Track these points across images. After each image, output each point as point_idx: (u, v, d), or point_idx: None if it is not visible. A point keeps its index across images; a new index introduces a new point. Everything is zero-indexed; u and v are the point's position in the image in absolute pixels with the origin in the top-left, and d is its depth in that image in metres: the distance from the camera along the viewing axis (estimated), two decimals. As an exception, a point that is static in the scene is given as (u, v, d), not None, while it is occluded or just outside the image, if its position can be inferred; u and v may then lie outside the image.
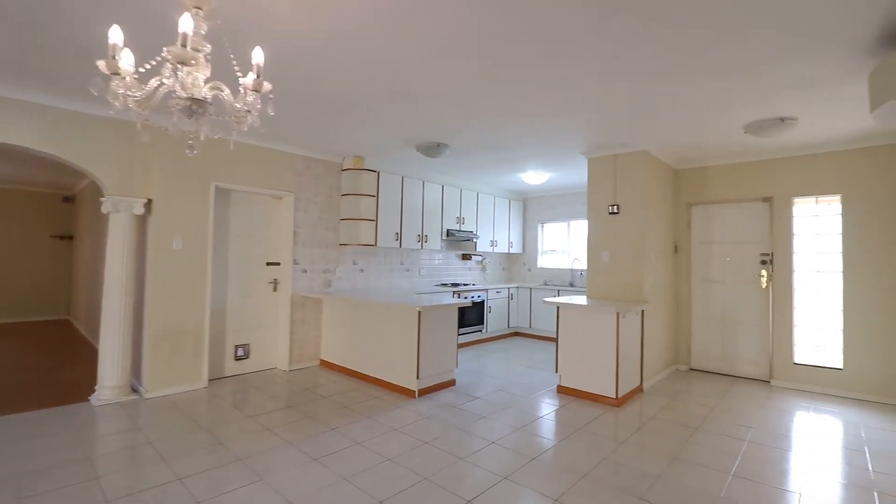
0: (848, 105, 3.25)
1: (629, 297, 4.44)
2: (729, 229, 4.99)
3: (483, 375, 4.76)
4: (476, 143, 4.54)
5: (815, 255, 4.47)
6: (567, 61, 2.62)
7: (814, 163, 4.44)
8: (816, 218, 4.48)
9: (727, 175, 4.96)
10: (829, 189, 4.36)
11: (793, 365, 4.51)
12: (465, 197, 6.61)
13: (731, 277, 4.96)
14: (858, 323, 4.17)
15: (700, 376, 4.92)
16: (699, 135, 4.07)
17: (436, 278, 6.59)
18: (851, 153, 4.24)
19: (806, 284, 4.51)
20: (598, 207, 4.71)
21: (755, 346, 4.79)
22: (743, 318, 4.87)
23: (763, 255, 4.75)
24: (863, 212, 4.18)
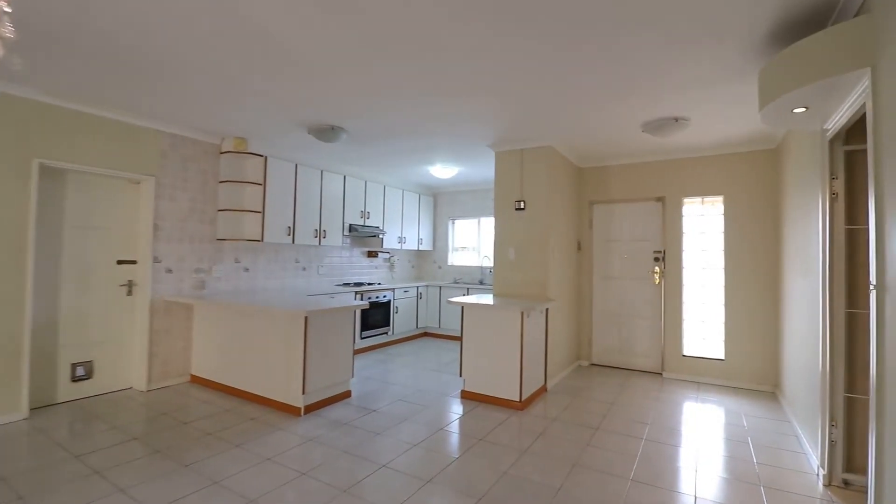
0: (736, 108, 3.37)
1: (535, 294, 4.33)
2: (627, 227, 5.13)
3: (384, 383, 4.37)
4: (377, 130, 4.12)
5: (701, 253, 4.72)
6: (465, 41, 2.32)
7: (701, 165, 4.68)
8: (702, 217, 4.74)
9: (626, 175, 5.09)
10: (713, 190, 4.63)
11: (682, 357, 4.74)
12: (370, 190, 6.15)
13: (629, 274, 5.10)
14: (737, 316, 4.47)
15: (600, 371, 4.99)
16: (600, 132, 4.06)
17: (337, 277, 6.05)
18: (734, 157, 4.53)
19: (694, 280, 4.76)
20: (505, 203, 4.55)
21: (649, 339, 4.97)
22: (639, 314, 5.03)
23: (656, 253, 4.94)
24: (741, 212, 4.48)
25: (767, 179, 4.36)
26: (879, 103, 1.80)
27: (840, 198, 2.56)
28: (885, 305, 1.75)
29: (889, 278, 1.71)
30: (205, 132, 4.33)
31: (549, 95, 3.19)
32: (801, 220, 3.18)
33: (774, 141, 4.23)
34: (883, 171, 1.77)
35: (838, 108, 2.31)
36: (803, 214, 3.11)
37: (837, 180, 2.56)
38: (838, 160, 2.57)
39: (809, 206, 2.94)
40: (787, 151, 3.75)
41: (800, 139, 3.25)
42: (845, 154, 2.56)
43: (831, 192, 2.58)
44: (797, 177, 3.32)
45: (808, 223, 2.98)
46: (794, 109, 2.39)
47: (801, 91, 2.15)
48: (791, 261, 3.61)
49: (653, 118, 3.65)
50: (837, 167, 2.57)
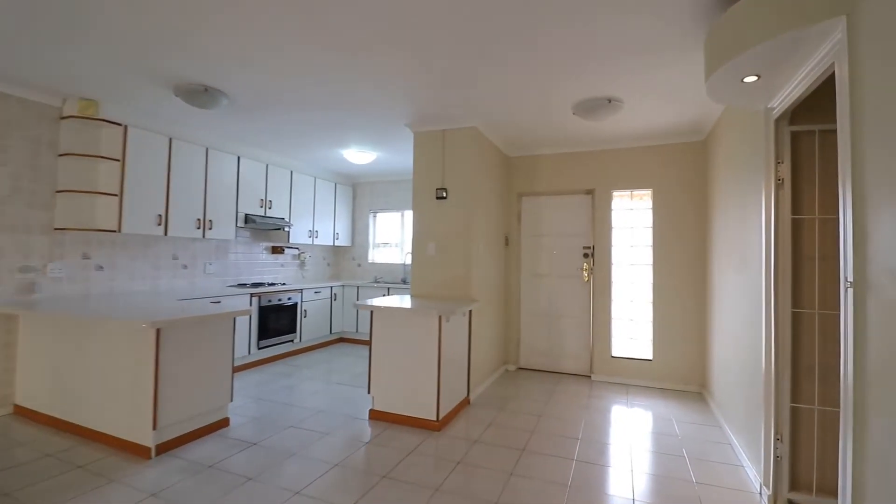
0: (670, 87, 3.07)
1: (457, 294, 3.82)
2: (557, 222, 4.80)
3: (279, 404, 3.63)
4: (267, 97, 3.37)
5: (630, 249, 4.50)
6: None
7: (631, 157, 4.45)
8: (631, 212, 4.52)
9: (556, 165, 4.75)
10: (642, 183, 4.41)
11: (611, 358, 4.49)
12: (274, 175, 5.30)
13: (558, 271, 4.78)
14: (665, 315, 4.28)
15: (528, 376, 4.62)
16: (530, 113, 3.63)
17: (232, 277, 5.15)
18: (663, 149, 4.34)
19: (623, 277, 4.53)
20: (425, 191, 3.99)
21: (578, 340, 4.68)
22: (568, 313, 4.73)
23: (586, 249, 4.65)
24: (669, 206, 4.30)
25: (696, 172, 4.21)
26: (857, 59, 1.46)
27: (786, 184, 2.29)
28: (866, 305, 1.41)
29: (872, 275, 1.37)
30: (34, 88, 3.30)
31: (467, 64, 2.67)
32: (737, 210, 2.94)
33: (703, 132, 4.08)
34: (863, 147, 1.43)
35: (791, 80, 2.01)
36: (740, 205, 2.88)
37: (783, 165, 2.29)
38: (784, 142, 2.30)
39: (748, 196, 2.69)
40: (719, 140, 3.56)
41: (737, 122, 3.01)
42: (791, 135, 2.29)
43: (776, 177, 2.30)
44: (734, 164, 3.09)
45: (746, 214, 2.73)
46: (744, 78, 2.06)
47: (759, 50, 1.79)
48: (722, 256, 3.41)
49: (584, 98, 3.27)
50: (783, 150, 2.30)
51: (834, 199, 2.22)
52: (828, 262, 2.23)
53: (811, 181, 2.26)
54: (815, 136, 2.25)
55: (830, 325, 2.21)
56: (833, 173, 2.23)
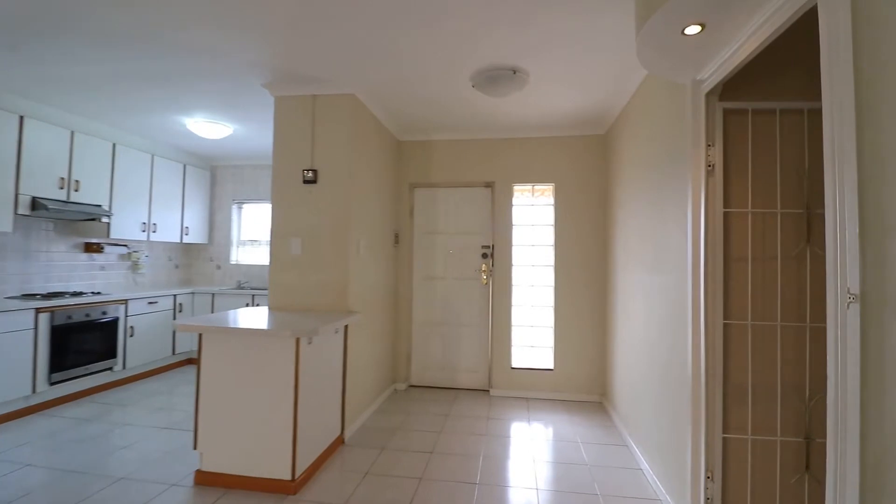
0: (578, 62, 2.64)
1: (330, 304, 3.02)
2: (453, 217, 4.23)
3: (58, 472, 2.47)
4: (49, 19, 2.22)
5: (531, 248, 4.10)
6: None
7: (532, 148, 4.05)
8: (532, 208, 4.12)
9: (453, 153, 4.18)
10: (543, 177, 4.04)
11: (510, 370, 4.04)
12: (83, 146, 3.94)
13: (454, 273, 4.21)
14: (566, 320, 3.95)
15: (420, 396, 3.97)
16: (420, 82, 2.98)
17: (16, 286, 3.68)
18: (565, 141, 4.00)
19: (524, 280, 4.11)
20: (288, 172, 3.11)
21: (476, 351, 4.16)
22: (465, 321, 4.18)
23: (485, 248, 4.16)
24: (572, 202, 3.98)
25: (598, 167, 3.94)
26: None
27: (717, 171, 1.92)
28: (884, 329, 0.97)
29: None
30: None
31: None
32: (650, 205, 2.60)
33: (604, 125, 3.81)
34: (878, 120, 0.99)
35: (737, 35, 1.61)
36: (654, 198, 2.53)
37: (714, 148, 1.92)
38: (716, 121, 1.92)
39: (666, 186, 2.33)
40: (626, 130, 3.26)
41: (656, 103, 2.67)
42: (723, 114, 1.93)
43: (707, 163, 1.92)
44: (648, 151, 2.75)
45: (663, 207, 2.37)
46: (685, 28, 1.61)
47: (717, -22, 1.33)
48: (628, 256, 3.10)
49: (485, 65, 2.71)
50: (714, 131, 1.93)
51: (770, 190, 1.91)
52: (760, 264, 1.90)
53: (742, 169, 1.92)
54: (749, 117, 1.91)
55: (764, 337, 1.89)
56: (768, 160, 1.91)
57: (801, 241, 1.87)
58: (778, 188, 1.88)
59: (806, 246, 1.87)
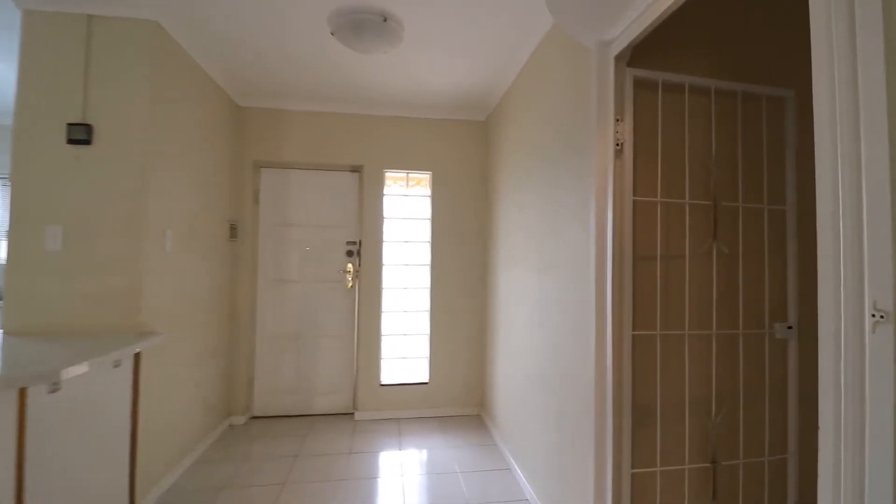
0: (466, 20, 2.18)
1: (114, 322, 2.05)
2: (312, 207, 3.48)
3: None
4: None
5: (405, 245, 3.57)
6: None
7: (407, 130, 3.52)
8: (406, 199, 3.59)
9: (313, 128, 3.42)
10: (419, 164, 3.54)
11: (379, 387, 3.45)
12: None
13: (313, 275, 3.47)
14: (443, 328, 3.51)
15: (265, 430, 3.15)
16: (260, 14, 2.21)
17: None
18: (443, 125, 3.55)
19: (396, 281, 3.55)
20: (42, 126, 2.06)
21: (338, 367, 3.48)
22: (325, 331, 3.47)
23: (350, 245, 3.50)
24: (449, 195, 3.55)
25: (478, 156, 3.59)
26: None
27: (626, 151, 1.59)
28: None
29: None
30: None
31: None
32: (540, 194, 2.26)
33: (485, 110, 3.47)
34: None
35: (665, -28, 1.27)
36: (547, 187, 2.19)
37: (623, 124, 1.59)
38: (626, 91, 1.60)
39: (562, 171, 1.99)
40: (509, 111, 2.92)
41: (549, 74, 2.33)
42: (635, 81, 1.62)
43: (615, 141, 1.59)
44: (540, 131, 2.40)
45: (557, 197, 2.03)
46: (611, -51, 1.22)
47: None
48: (513, 253, 2.76)
49: (347, 3, 2.08)
50: (625, 102, 1.60)
51: (678, 178, 1.64)
52: (667, 263, 1.63)
53: (650, 152, 1.63)
54: (659, 90, 1.63)
55: (672, 348, 1.62)
56: (677, 144, 1.65)
57: (708, 238, 1.65)
58: (687, 176, 1.64)
59: (713, 243, 1.65)
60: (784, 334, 1.67)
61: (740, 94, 1.68)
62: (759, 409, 1.68)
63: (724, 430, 1.65)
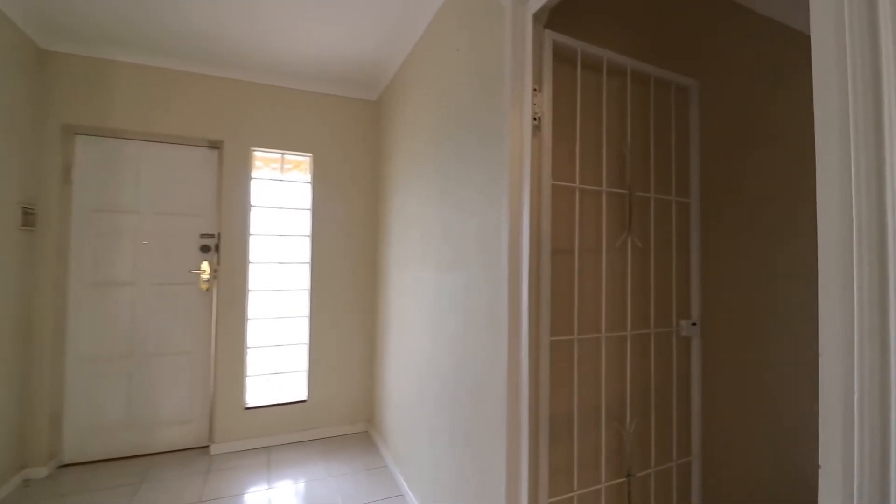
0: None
1: None
2: (153, 189, 2.74)
3: None
4: None
5: (280, 240, 3.02)
6: None
7: (283, 101, 2.97)
8: (282, 185, 3.05)
9: (152, 86, 2.69)
10: (298, 145, 3.02)
11: (244, 412, 2.85)
12: None
13: (153, 275, 2.73)
14: (325, 335, 3.04)
15: (78, 482, 2.36)
16: None
17: None
18: (329, 101, 3.08)
19: (268, 283, 2.98)
20: None
21: (189, 391, 2.79)
22: (170, 347, 2.76)
23: (206, 238, 2.84)
24: (334, 182, 3.10)
25: (370, 140, 3.19)
26: None
27: (544, 128, 1.37)
28: None
29: None
30: None
31: None
32: (447, 179, 1.97)
33: (377, 89, 3.10)
34: None
35: None
36: (450, 171, 1.90)
37: (541, 95, 1.37)
38: (544, 56, 1.38)
39: (467, 154, 1.72)
40: (404, 89, 2.59)
41: (448, 45, 2.05)
42: (554, 46, 1.40)
43: (533, 114, 1.36)
44: (441, 112, 2.11)
45: (462, 183, 1.76)
46: None
47: None
48: (409, 248, 2.44)
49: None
50: (543, 70, 1.38)
51: (595, 162, 1.48)
52: (584, 257, 1.46)
53: (568, 131, 1.44)
54: (578, 59, 1.45)
55: (588, 353, 1.45)
56: (594, 123, 1.48)
57: (622, 230, 1.52)
58: (604, 160, 1.48)
59: (627, 236, 1.52)
60: (689, 331, 1.62)
61: (653, 79, 1.59)
62: (668, 411, 1.61)
63: (637, 436, 1.53)
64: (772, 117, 2.00)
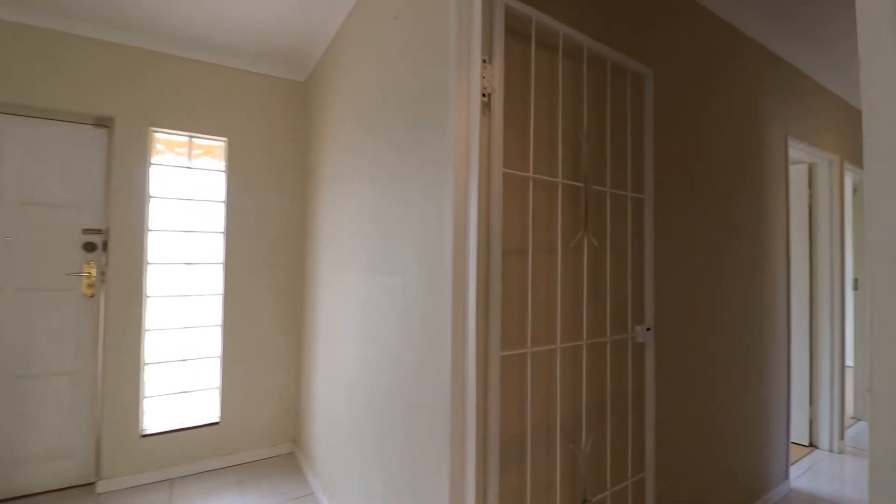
0: None
1: None
2: (20, 174, 2.23)
3: None
4: None
5: (186, 237, 2.60)
6: None
7: (193, 76, 2.56)
8: (190, 173, 2.63)
9: (22, 49, 2.18)
10: (210, 127, 2.62)
11: (141, 439, 2.41)
12: None
13: (18, 279, 2.22)
14: (241, 347, 2.67)
15: None
16: None
17: None
18: (249, 79, 2.71)
19: (170, 286, 2.55)
20: None
21: (68, 418, 2.31)
22: (42, 366, 2.26)
23: (90, 233, 2.36)
24: (254, 173, 2.73)
25: (298, 126, 2.85)
26: None
27: (495, 106, 1.18)
28: None
29: None
30: None
31: None
32: (383, 170, 1.72)
33: (305, 69, 2.77)
34: None
35: None
36: (387, 158, 1.66)
37: (492, 68, 1.18)
38: (495, 23, 1.19)
39: (409, 140, 1.49)
40: (337, 68, 2.30)
41: (385, 17, 1.80)
42: (507, 15, 1.22)
43: (482, 88, 1.16)
44: (380, 92, 1.86)
45: (400, 172, 1.52)
46: None
47: None
48: (341, 248, 2.16)
49: None
50: (494, 39, 1.19)
51: (550, 151, 1.31)
52: (537, 258, 1.28)
53: (521, 112, 1.26)
54: (532, 29, 1.27)
55: (541, 366, 1.28)
56: (548, 105, 1.32)
57: (578, 227, 1.37)
58: (559, 148, 1.31)
59: (584, 234, 1.37)
60: (643, 337, 1.50)
61: (609, 64, 1.45)
62: (624, 424, 1.48)
63: (592, 455, 1.39)
64: (713, 111, 1.97)
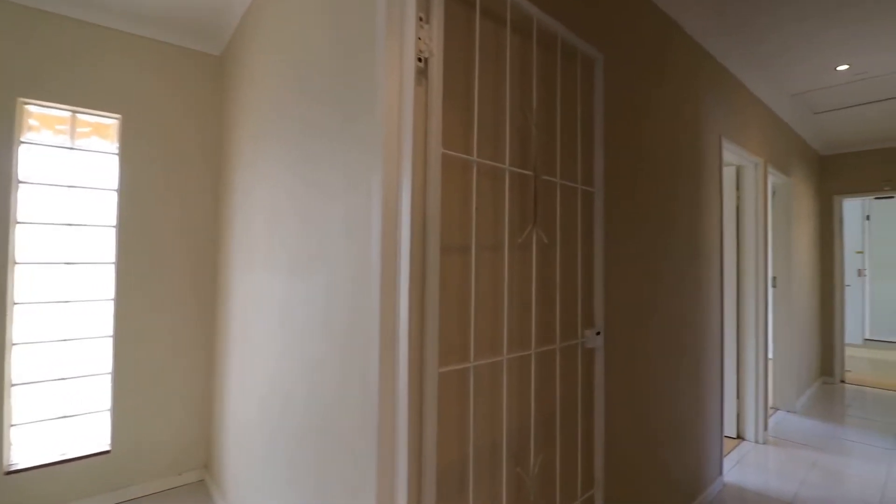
0: None
1: None
2: None
3: None
4: None
5: (67, 230, 2.17)
6: None
7: (77, 38, 2.13)
8: (72, 155, 2.20)
9: None
10: (101, 101, 2.21)
11: (5, 477, 1.97)
12: None
13: None
14: (137, 362, 2.28)
15: None
16: None
17: None
18: (150, 46, 2.31)
19: (45, 291, 2.11)
20: None
21: None
22: None
23: (-66, 225, 1.88)
24: (155, 158, 2.35)
25: (210, 104, 2.49)
26: None
27: (434, 74, 0.99)
28: None
29: None
30: None
31: None
32: (303, 151, 1.47)
33: (220, 40, 2.43)
34: None
35: None
36: (307, 139, 1.42)
37: (429, 28, 0.99)
38: (433, -25, 1.00)
39: (331, 118, 1.26)
40: (255, 38, 2.01)
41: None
42: (447, -35, 1.03)
43: (417, 52, 0.97)
44: (304, 65, 1.60)
45: (320, 155, 1.29)
46: None
47: None
48: (256, 246, 1.88)
49: None
50: (431, -7, 1.00)
51: (496, 133, 1.15)
52: (485, 255, 1.11)
53: (463, 85, 1.09)
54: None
55: (484, 380, 1.11)
56: (495, 81, 1.15)
57: (526, 222, 1.22)
58: (507, 131, 1.15)
59: (533, 229, 1.22)
60: (593, 342, 1.39)
61: (560, 41, 1.32)
62: (573, 439, 1.36)
63: (540, 477, 1.24)
64: (658, 105, 1.93)
